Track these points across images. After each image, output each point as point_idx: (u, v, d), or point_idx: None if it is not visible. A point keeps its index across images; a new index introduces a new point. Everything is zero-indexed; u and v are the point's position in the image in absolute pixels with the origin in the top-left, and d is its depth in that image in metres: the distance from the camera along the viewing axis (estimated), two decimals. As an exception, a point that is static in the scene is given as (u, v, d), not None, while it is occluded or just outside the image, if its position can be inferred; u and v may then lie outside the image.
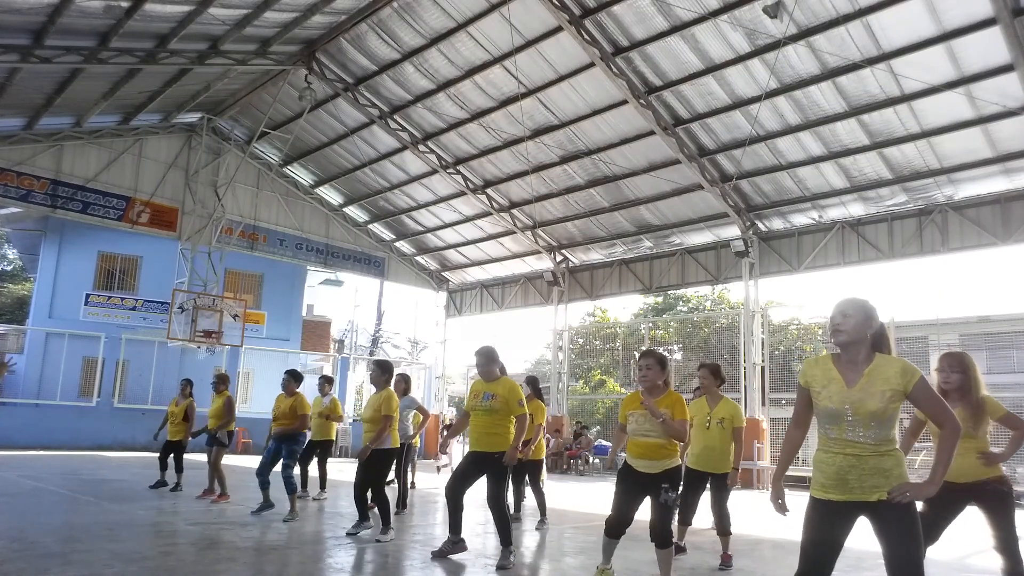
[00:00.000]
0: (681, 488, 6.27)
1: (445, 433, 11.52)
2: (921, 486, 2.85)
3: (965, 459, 4.08)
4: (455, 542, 5.75)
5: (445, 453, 6.14)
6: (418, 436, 12.00)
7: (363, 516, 6.75)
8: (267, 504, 7.76)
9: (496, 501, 5.53)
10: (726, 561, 5.78)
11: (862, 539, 3.03)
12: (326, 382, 10.02)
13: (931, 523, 4.15)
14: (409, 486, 11.64)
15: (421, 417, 9.12)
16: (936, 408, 2.92)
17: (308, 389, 10.92)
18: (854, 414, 2.92)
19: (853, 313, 3.01)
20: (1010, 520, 4.04)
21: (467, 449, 5.91)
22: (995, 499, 4.06)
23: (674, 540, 6.01)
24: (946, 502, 4.16)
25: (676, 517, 6.19)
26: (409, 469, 12.06)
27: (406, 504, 8.76)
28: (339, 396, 22.22)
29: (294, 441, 7.74)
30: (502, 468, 5.57)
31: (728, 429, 5.91)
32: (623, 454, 4.87)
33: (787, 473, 3.36)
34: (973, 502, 4.14)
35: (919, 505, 2.93)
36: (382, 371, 6.88)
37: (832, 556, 2.94)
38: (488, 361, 5.78)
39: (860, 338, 3.00)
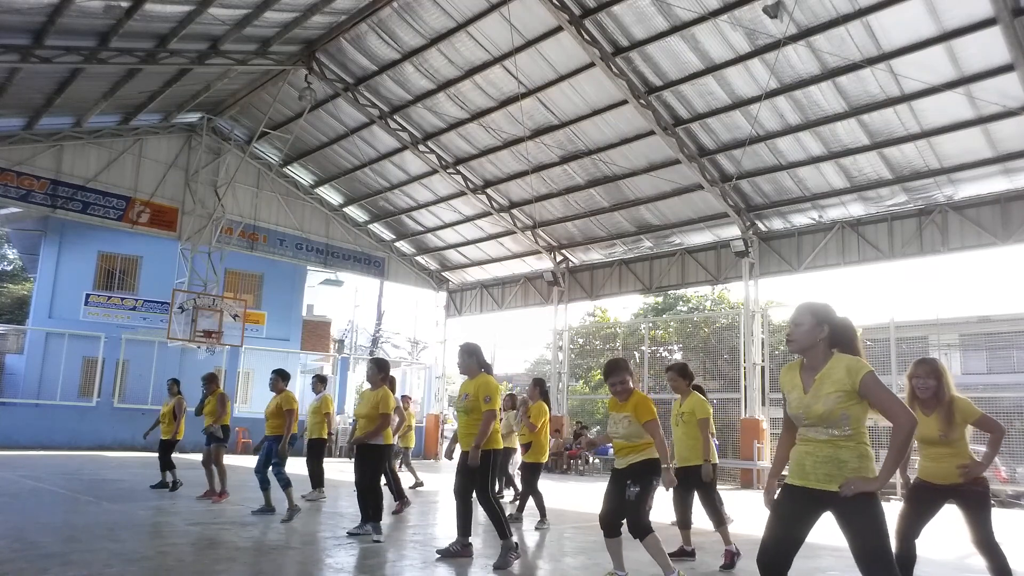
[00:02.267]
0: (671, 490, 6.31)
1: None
2: (870, 480, 2.86)
3: (942, 464, 4.23)
4: (464, 544, 5.75)
5: (451, 459, 6.19)
6: (413, 435, 12.19)
7: (366, 516, 6.74)
8: (268, 507, 7.77)
9: (483, 498, 5.60)
10: (728, 559, 5.76)
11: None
12: (319, 381, 10.05)
13: (911, 519, 4.30)
14: (413, 487, 11.67)
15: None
16: (886, 402, 2.92)
17: (308, 390, 10.94)
18: (807, 418, 3.02)
19: (802, 320, 3.07)
20: (987, 519, 4.18)
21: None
22: (973, 499, 4.20)
23: (680, 545, 6.06)
24: (925, 500, 4.30)
25: (676, 516, 6.20)
26: (408, 469, 12.14)
27: (405, 500, 8.75)
28: (339, 396, 22.39)
29: (283, 441, 7.74)
30: (484, 466, 5.62)
31: (691, 423, 5.95)
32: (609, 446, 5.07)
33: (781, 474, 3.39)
34: (952, 501, 4.26)
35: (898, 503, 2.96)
36: (379, 369, 6.88)
37: (790, 535, 3.00)
38: (466, 355, 5.86)
39: (812, 343, 3.06)
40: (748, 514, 9.62)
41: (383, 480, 7.16)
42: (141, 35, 13.43)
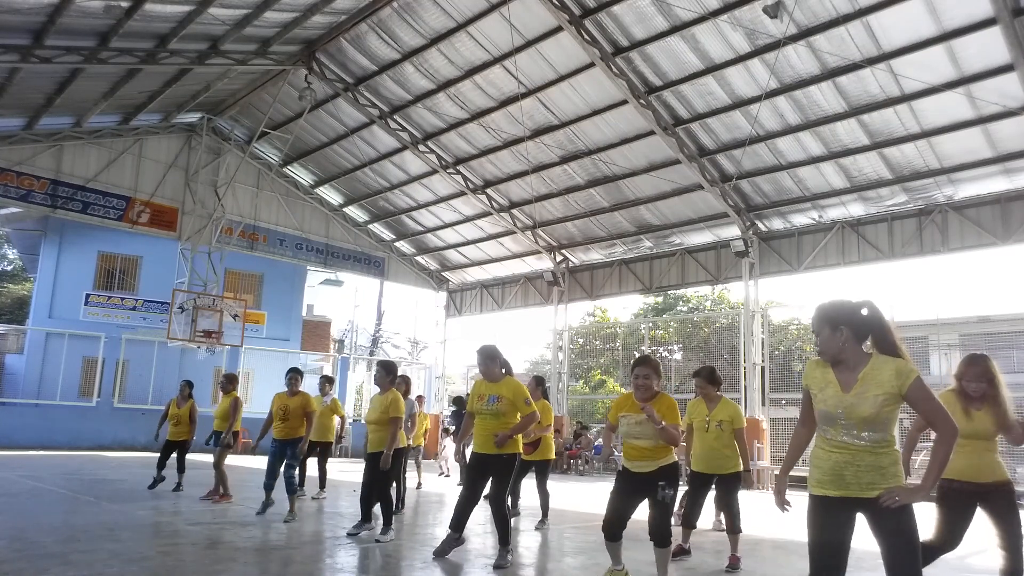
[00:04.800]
0: (686, 491, 6.27)
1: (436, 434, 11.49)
2: (913, 490, 2.83)
3: (983, 460, 4.09)
4: (456, 539, 5.72)
5: (459, 461, 6.10)
6: (421, 438, 12.02)
7: (366, 517, 6.73)
8: (268, 502, 7.74)
9: (498, 501, 5.53)
10: (733, 563, 5.74)
11: (862, 539, 3.03)
12: (327, 382, 9.98)
13: (950, 526, 4.14)
14: (416, 487, 11.67)
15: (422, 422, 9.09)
16: (932, 410, 2.89)
17: (309, 389, 10.90)
18: (847, 418, 2.93)
19: (819, 330, 3.05)
20: (1017, 521, 4.06)
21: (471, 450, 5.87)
22: (1004, 501, 4.07)
23: (678, 543, 6.04)
24: (963, 504, 4.12)
25: (680, 519, 6.20)
26: (415, 470, 12.14)
27: (403, 504, 8.76)
28: (339, 396, 22.34)
29: (298, 442, 7.69)
30: (507, 470, 5.56)
31: (728, 431, 5.91)
32: (619, 454, 4.86)
33: (790, 473, 3.37)
34: (981, 503, 4.12)
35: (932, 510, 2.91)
36: (386, 372, 6.80)
37: (842, 555, 2.95)
38: (489, 360, 5.71)
39: (837, 349, 3.01)
40: (747, 514, 9.60)
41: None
42: (141, 35, 13.43)
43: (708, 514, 7.41)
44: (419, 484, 11.91)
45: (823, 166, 14.41)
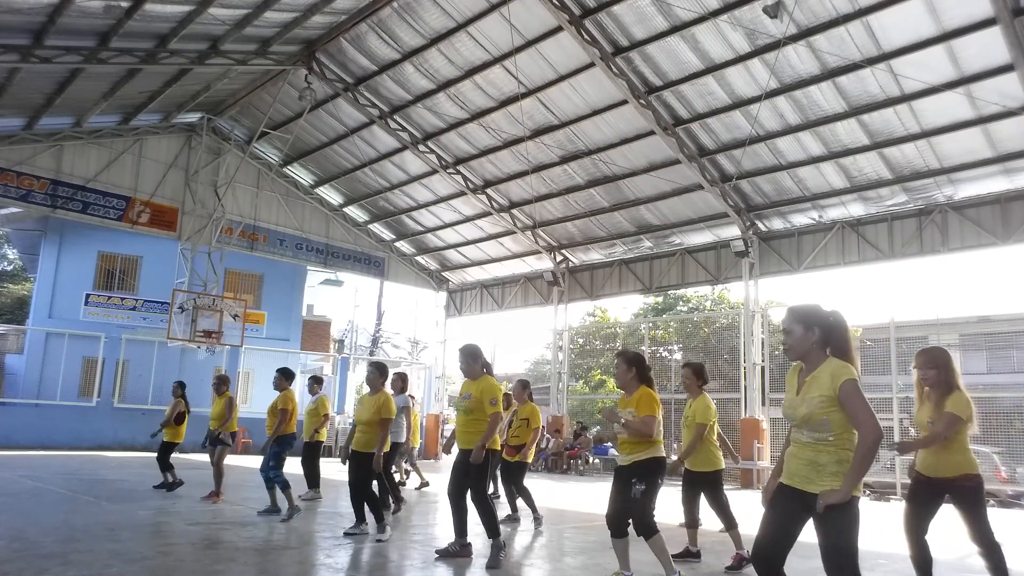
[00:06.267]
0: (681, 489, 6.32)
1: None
2: (835, 493, 2.89)
3: (941, 456, 4.25)
4: (463, 545, 5.75)
5: (448, 453, 6.20)
6: (417, 436, 12.01)
7: (360, 517, 6.74)
8: (273, 507, 7.76)
9: (476, 495, 5.62)
10: (737, 562, 5.74)
11: (863, 539, 3.04)
12: (315, 382, 10.03)
13: (915, 518, 4.33)
14: (416, 487, 11.67)
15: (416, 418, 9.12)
16: (856, 411, 2.94)
17: (306, 390, 10.93)
18: (792, 418, 3.14)
19: (792, 328, 3.15)
20: (982, 515, 4.22)
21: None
22: (966, 495, 4.22)
23: (685, 545, 6.06)
24: (923, 497, 4.33)
25: (684, 516, 6.20)
26: (412, 469, 12.14)
27: (400, 503, 8.75)
28: (339, 396, 22.37)
29: (280, 443, 7.72)
30: (483, 464, 5.63)
31: (692, 427, 5.97)
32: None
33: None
34: (948, 498, 4.28)
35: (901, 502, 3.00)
36: (379, 373, 6.85)
37: (782, 531, 3.07)
38: (470, 358, 5.88)
39: (808, 348, 3.12)
40: (747, 514, 9.60)
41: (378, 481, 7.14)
42: (141, 35, 13.42)
43: (711, 513, 7.39)
44: (422, 483, 11.92)
45: (823, 166, 14.40)
